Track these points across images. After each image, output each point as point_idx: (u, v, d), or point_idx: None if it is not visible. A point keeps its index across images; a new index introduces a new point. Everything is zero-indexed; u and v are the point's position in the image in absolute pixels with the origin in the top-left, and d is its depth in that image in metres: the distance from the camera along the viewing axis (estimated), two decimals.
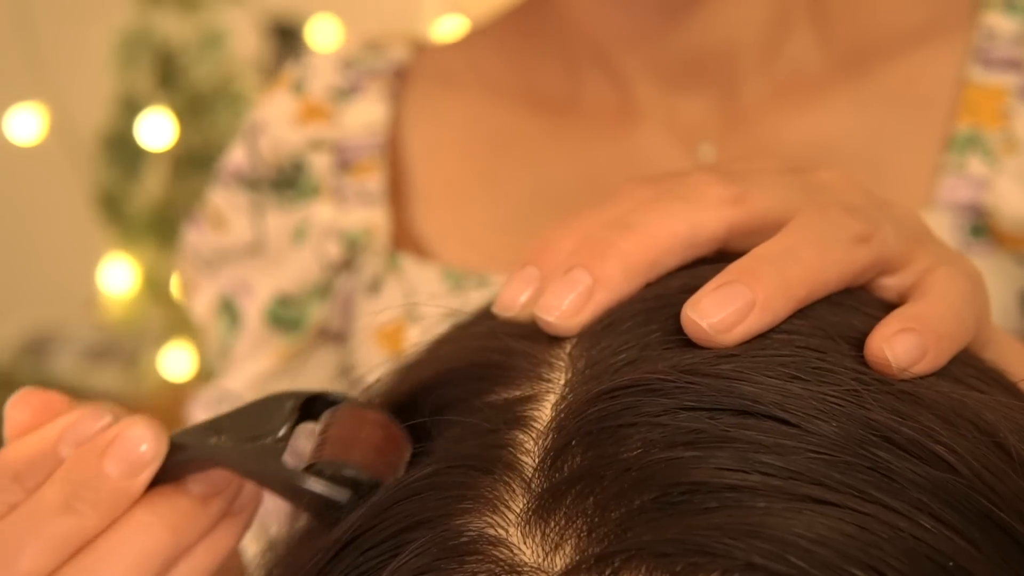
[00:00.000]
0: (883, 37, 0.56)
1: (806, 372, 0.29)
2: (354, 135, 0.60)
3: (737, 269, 0.31)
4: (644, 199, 0.35)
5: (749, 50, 0.54)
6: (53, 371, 2.21)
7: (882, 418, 0.28)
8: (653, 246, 0.33)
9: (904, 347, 0.30)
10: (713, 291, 0.30)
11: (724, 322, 0.30)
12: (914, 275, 0.34)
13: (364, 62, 0.62)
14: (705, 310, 0.30)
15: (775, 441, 0.27)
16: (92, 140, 2.20)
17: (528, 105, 0.59)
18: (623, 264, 0.33)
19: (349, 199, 0.59)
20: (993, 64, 0.54)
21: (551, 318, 0.32)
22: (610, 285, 0.32)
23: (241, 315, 0.60)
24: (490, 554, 0.27)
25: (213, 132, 2.22)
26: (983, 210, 0.52)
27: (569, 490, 0.27)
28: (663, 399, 0.28)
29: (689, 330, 0.30)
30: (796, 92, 0.55)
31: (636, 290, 0.33)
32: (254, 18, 2.53)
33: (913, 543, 0.26)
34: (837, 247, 0.32)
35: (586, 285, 0.32)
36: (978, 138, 0.53)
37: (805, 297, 0.31)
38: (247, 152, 0.61)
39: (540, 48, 0.59)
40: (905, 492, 0.27)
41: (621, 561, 0.26)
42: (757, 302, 0.30)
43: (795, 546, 0.25)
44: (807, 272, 0.31)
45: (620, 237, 0.33)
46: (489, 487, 0.29)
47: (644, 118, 0.56)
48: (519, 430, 0.30)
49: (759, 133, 0.55)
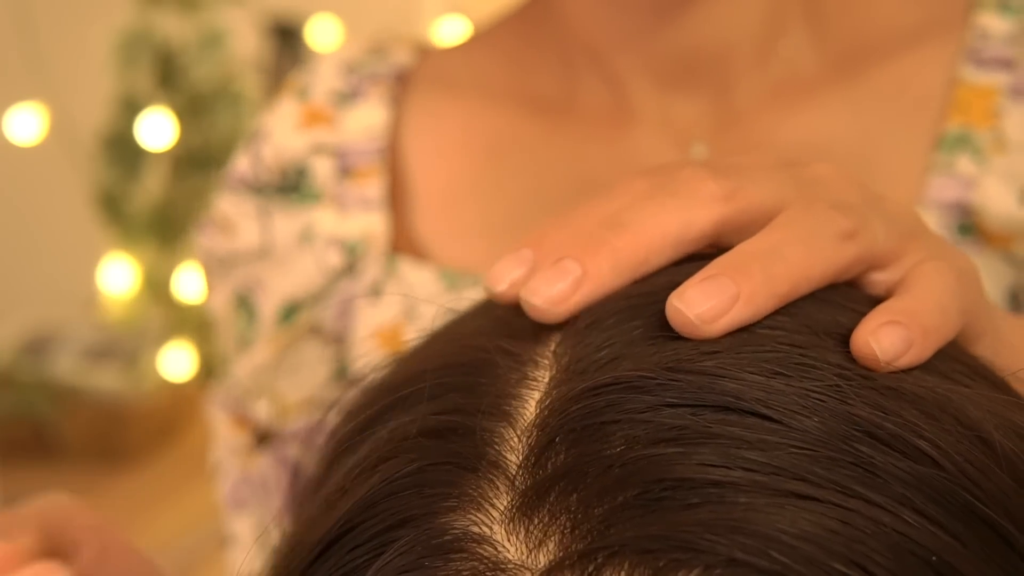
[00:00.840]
0: (877, 38, 0.56)
1: (789, 368, 0.29)
2: (355, 140, 0.60)
3: (722, 264, 0.31)
4: (638, 194, 0.35)
5: (743, 51, 0.54)
6: (53, 371, 2.22)
7: (865, 413, 0.28)
8: (643, 244, 0.33)
9: (890, 340, 0.30)
10: (699, 283, 0.31)
11: (709, 312, 0.30)
12: (904, 269, 0.34)
13: (367, 66, 0.63)
14: (691, 300, 0.30)
15: (758, 437, 0.27)
16: (92, 140, 2.20)
17: (525, 108, 0.59)
18: (612, 260, 0.33)
19: (349, 205, 0.59)
20: (985, 63, 0.54)
21: (537, 301, 0.32)
22: (598, 279, 0.33)
23: (257, 310, 0.60)
24: (474, 552, 0.27)
25: (213, 132, 2.22)
26: (970, 209, 0.52)
27: (553, 487, 0.28)
28: (646, 396, 0.28)
29: (674, 319, 0.30)
30: (790, 93, 0.55)
31: (623, 285, 0.33)
32: (254, 18, 2.53)
33: (897, 538, 0.26)
34: (823, 243, 0.32)
35: (575, 276, 0.33)
36: (968, 137, 0.53)
37: (788, 293, 0.31)
38: (251, 160, 0.62)
39: (537, 52, 0.59)
40: (888, 487, 0.26)
41: (604, 557, 0.26)
42: (741, 296, 0.30)
43: (778, 542, 0.25)
44: (791, 268, 0.31)
45: (612, 234, 0.33)
46: (473, 485, 0.29)
47: (639, 119, 0.56)
48: (504, 427, 0.30)
49: (753, 133, 0.55)
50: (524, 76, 0.59)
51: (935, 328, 0.31)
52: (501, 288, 0.34)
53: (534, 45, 0.59)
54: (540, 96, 0.59)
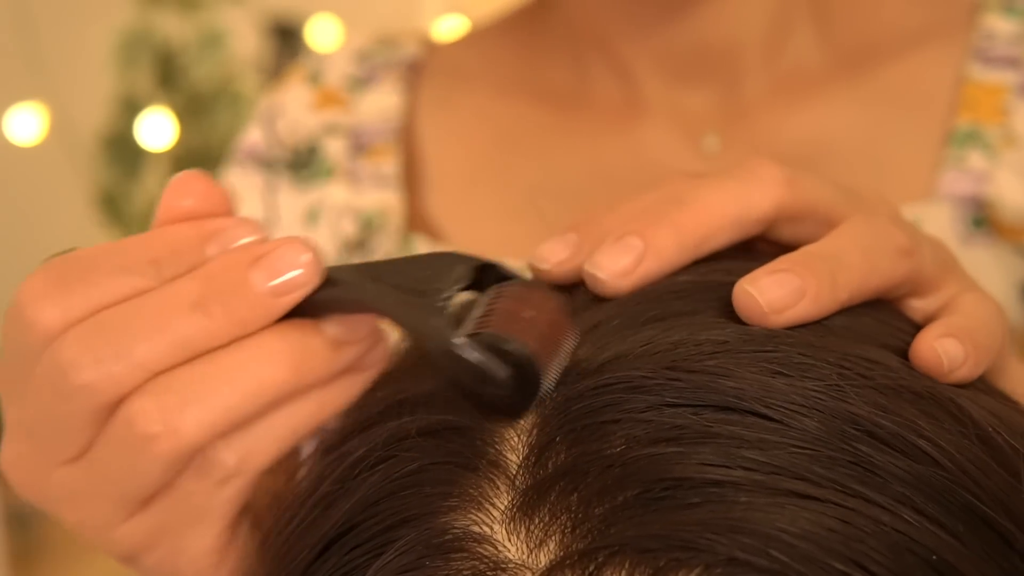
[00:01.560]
0: (883, 37, 0.57)
1: (789, 367, 0.29)
2: (369, 120, 0.62)
3: (792, 259, 0.31)
4: (695, 180, 0.35)
5: (752, 46, 0.55)
6: None
7: (864, 412, 0.28)
8: (705, 222, 0.33)
9: (950, 350, 0.31)
10: (769, 274, 0.31)
11: (779, 302, 0.30)
12: (942, 300, 0.34)
13: (379, 55, 0.64)
14: (763, 287, 0.30)
15: (757, 436, 0.27)
16: (92, 140, 2.20)
17: (536, 99, 0.60)
18: (676, 235, 0.33)
19: (363, 181, 0.60)
20: (992, 62, 0.54)
21: (602, 275, 0.33)
22: (662, 254, 0.33)
23: None
24: (475, 551, 0.28)
25: (213, 132, 2.22)
26: (984, 202, 0.53)
27: (553, 486, 0.28)
28: (646, 396, 0.28)
29: (743, 303, 0.31)
30: (798, 88, 0.56)
31: (685, 263, 0.33)
32: (254, 18, 2.53)
33: (896, 537, 0.26)
34: (883, 256, 0.33)
35: (638, 251, 0.33)
36: (978, 133, 0.53)
37: (848, 300, 0.32)
38: (264, 133, 0.63)
39: (548, 43, 0.60)
40: (888, 486, 0.27)
41: (605, 557, 0.26)
42: (808, 293, 0.31)
43: (777, 541, 0.25)
44: (854, 276, 0.32)
45: (674, 210, 0.33)
46: (474, 484, 0.29)
47: (649, 111, 0.57)
48: (504, 427, 0.30)
49: (761, 127, 0.56)
50: (535, 67, 0.60)
51: (986, 348, 0.32)
52: (546, 267, 0.34)
53: (544, 37, 0.60)
54: (551, 87, 0.60)
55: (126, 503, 0.34)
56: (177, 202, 0.33)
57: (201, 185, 0.34)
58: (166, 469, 0.32)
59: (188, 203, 0.33)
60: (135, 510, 0.34)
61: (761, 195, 0.34)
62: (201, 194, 0.34)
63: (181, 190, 0.34)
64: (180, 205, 0.33)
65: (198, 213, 0.33)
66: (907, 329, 0.32)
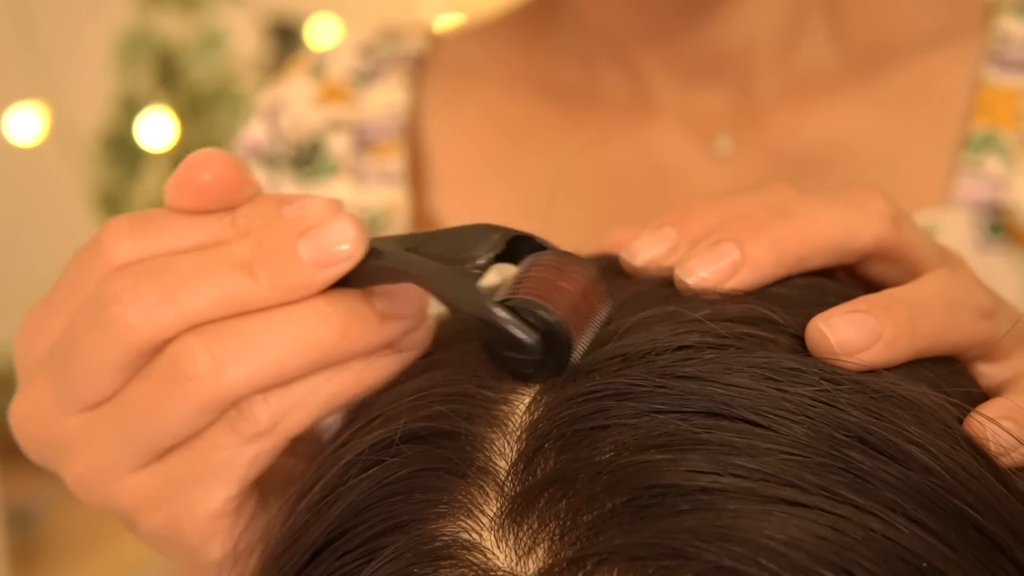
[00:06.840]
0: (898, 40, 0.56)
1: (778, 373, 0.28)
2: (374, 117, 0.61)
3: (871, 301, 0.31)
4: (801, 194, 0.34)
5: (765, 48, 0.55)
6: None
7: (855, 418, 0.27)
8: (807, 241, 0.32)
9: (1005, 434, 0.30)
10: (846, 313, 0.30)
11: (851, 344, 0.30)
12: (1012, 370, 0.33)
13: (383, 48, 0.64)
14: (836, 326, 0.30)
15: (747, 443, 0.27)
16: (92, 140, 2.20)
17: (545, 96, 0.60)
18: (775, 250, 0.32)
19: (368, 178, 0.60)
20: (1008, 66, 0.54)
21: (691, 281, 0.32)
22: (759, 267, 0.32)
23: None
24: (464, 559, 0.27)
25: (213, 132, 2.22)
26: (1001, 208, 0.52)
27: (542, 493, 0.27)
28: (635, 402, 0.28)
29: (815, 341, 0.30)
30: (811, 90, 0.56)
31: (779, 279, 0.32)
32: (254, 18, 2.53)
33: (887, 544, 0.26)
34: (965, 313, 0.32)
35: (733, 260, 0.32)
36: (994, 138, 0.53)
37: (925, 349, 0.31)
38: (267, 129, 0.62)
39: (557, 41, 0.60)
40: (878, 493, 0.26)
41: (593, 564, 0.26)
42: (883, 337, 0.30)
43: (767, 548, 0.25)
44: (934, 327, 0.31)
45: (777, 222, 0.32)
46: (463, 491, 0.29)
47: (660, 112, 0.57)
48: (493, 433, 0.30)
49: (775, 128, 0.55)
50: (543, 65, 0.60)
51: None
52: (638, 263, 0.34)
53: (553, 35, 0.60)
54: (560, 85, 0.59)
55: (145, 450, 0.33)
56: (195, 174, 0.34)
57: (220, 162, 0.34)
58: (199, 415, 0.32)
59: (206, 177, 0.33)
60: (150, 460, 0.34)
61: (866, 227, 0.33)
62: (219, 171, 0.34)
63: (200, 165, 0.34)
64: (198, 178, 0.33)
65: (214, 188, 0.34)
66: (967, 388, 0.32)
